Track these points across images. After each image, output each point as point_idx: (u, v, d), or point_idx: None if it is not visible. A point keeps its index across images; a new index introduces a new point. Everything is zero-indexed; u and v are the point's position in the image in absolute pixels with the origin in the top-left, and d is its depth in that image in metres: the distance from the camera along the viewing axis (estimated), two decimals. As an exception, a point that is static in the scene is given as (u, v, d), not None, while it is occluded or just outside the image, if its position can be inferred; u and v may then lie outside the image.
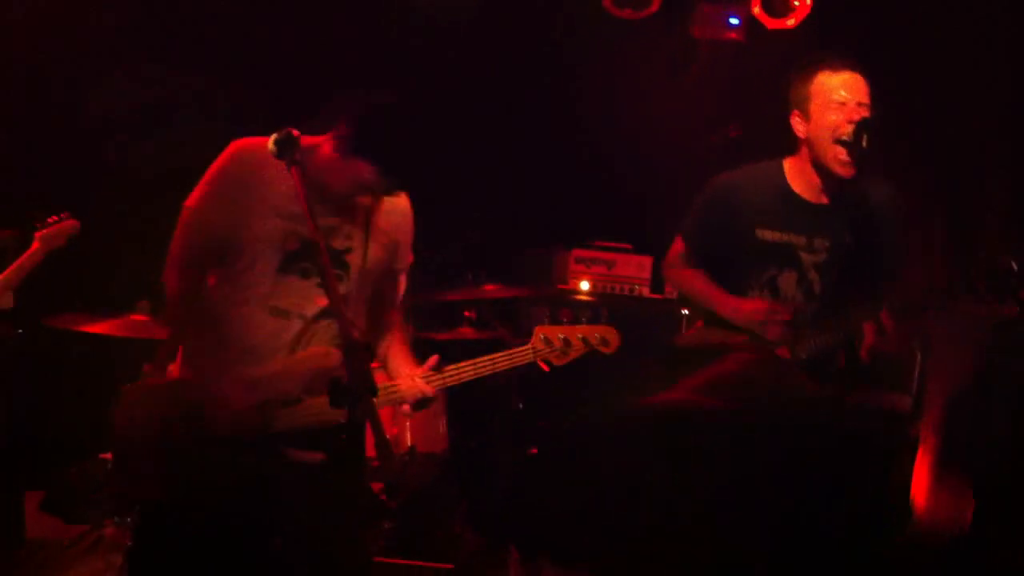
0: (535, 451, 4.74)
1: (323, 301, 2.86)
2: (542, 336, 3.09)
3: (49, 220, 4.26)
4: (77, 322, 4.41)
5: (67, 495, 4.55)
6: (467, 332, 5.02)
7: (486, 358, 3.01)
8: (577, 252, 5.31)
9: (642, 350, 4.58)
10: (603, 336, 3.18)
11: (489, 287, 5.02)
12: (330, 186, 2.85)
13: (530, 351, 3.08)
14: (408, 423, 4.57)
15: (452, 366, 3.02)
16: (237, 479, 2.81)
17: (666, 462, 3.59)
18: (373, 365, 3.12)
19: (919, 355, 4.21)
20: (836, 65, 3.45)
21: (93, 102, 5.22)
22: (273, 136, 2.64)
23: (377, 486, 4.55)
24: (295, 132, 2.65)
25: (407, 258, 3.15)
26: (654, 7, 5.38)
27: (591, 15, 5.45)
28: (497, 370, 3.02)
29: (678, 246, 3.76)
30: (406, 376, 3.02)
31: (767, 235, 3.54)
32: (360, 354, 2.39)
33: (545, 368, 4.77)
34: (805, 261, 3.53)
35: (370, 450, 3.96)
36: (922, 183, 4.68)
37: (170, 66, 5.10)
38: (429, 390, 2.98)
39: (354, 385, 2.34)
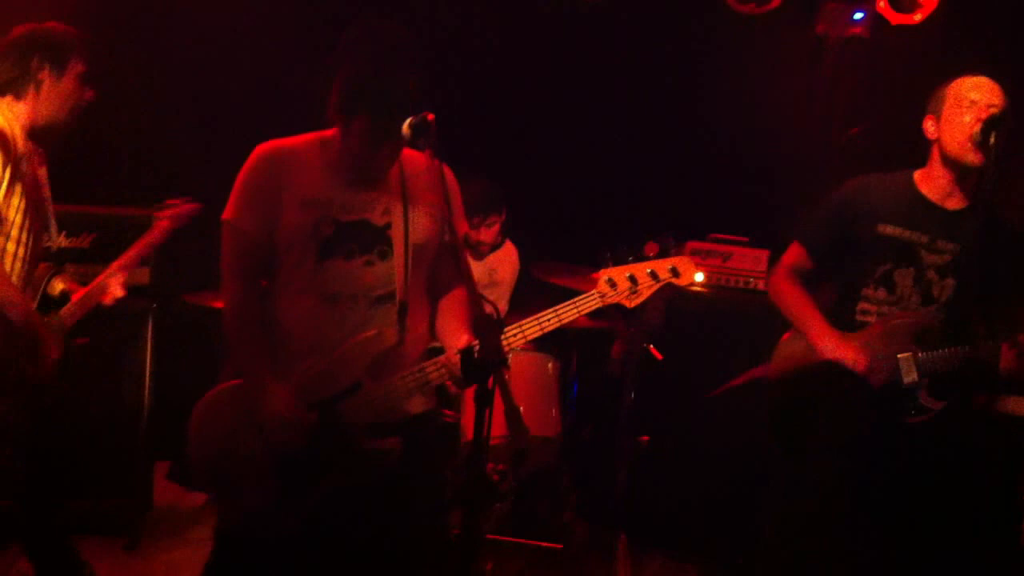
0: (646, 439, 4.76)
1: (373, 279, 2.83)
2: (606, 278, 2.84)
3: (169, 203, 4.39)
4: (213, 299, 4.65)
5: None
6: (580, 320, 5.05)
7: (550, 311, 2.80)
8: (692, 244, 5.29)
9: (754, 343, 4.59)
10: (674, 266, 2.87)
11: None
12: (359, 156, 2.84)
13: (596, 296, 2.84)
14: (522, 407, 4.63)
15: (515, 325, 2.80)
16: (317, 477, 2.80)
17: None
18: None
19: None
20: (973, 72, 3.49)
21: (226, 87, 5.44)
22: (408, 120, 2.64)
23: (488, 466, 4.63)
24: (430, 116, 2.63)
25: (460, 227, 2.92)
26: (776, 2, 5.39)
27: (714, 10, 5.49)
28: (564, 322, 2.80)
29: (791, 255, 3.74)
30: (452, 350, 2.81)
31: (888, 230, 3.54)
32: (492, 327, 2.39)
33: (658, 355, 4.87)
34: (925, 260, 3.51)
35: (496, 428, 4.09)
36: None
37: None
38: None
39: (486, 357, 2.37)
